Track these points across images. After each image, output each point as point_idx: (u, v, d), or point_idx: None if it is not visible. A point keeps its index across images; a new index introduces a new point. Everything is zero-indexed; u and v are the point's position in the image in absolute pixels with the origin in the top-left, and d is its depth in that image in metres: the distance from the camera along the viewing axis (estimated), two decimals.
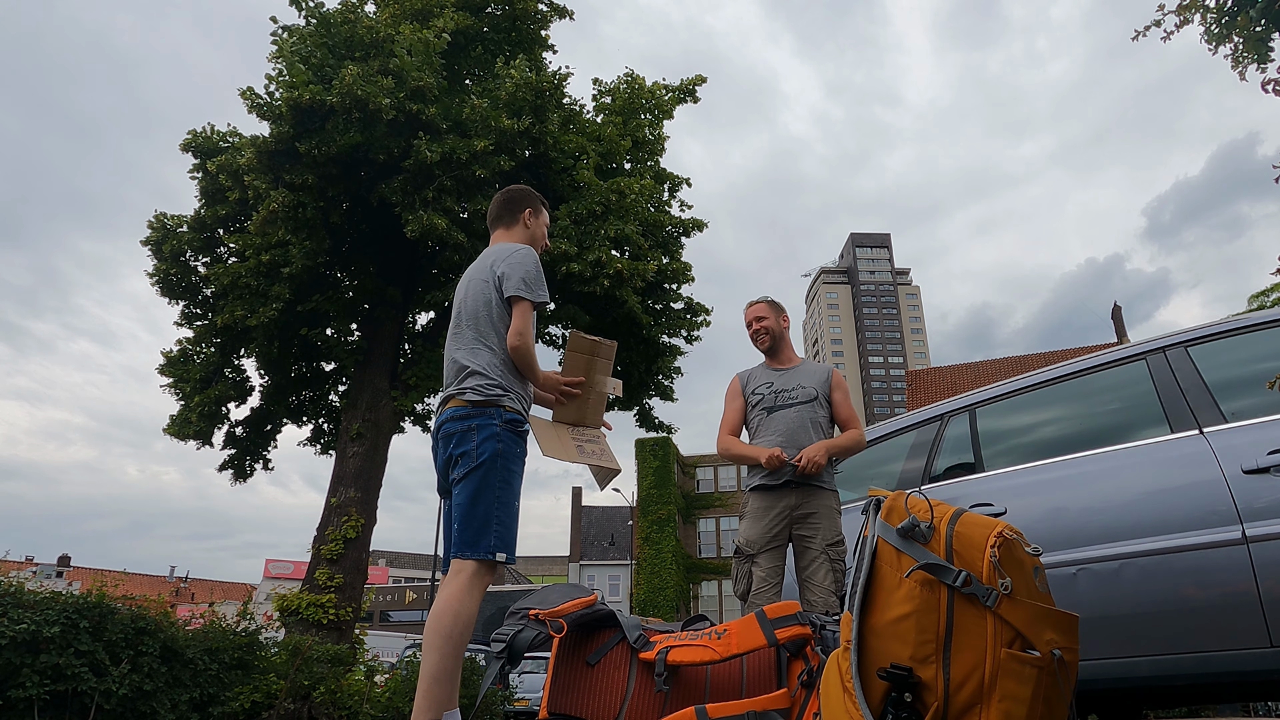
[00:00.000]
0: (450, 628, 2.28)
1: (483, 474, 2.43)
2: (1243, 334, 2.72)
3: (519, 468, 2.53)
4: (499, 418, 2.49)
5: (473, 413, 2.51)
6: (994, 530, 1.15)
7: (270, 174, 8.21)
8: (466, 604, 2.33)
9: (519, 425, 2.54)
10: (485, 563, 2.38)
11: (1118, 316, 31.37)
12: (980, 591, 1.10)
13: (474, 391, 2.52)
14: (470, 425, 2.49)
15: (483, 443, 2.46)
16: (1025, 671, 1.06)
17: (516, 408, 2.55)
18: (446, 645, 2.27)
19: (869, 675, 1.13)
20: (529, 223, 2.94)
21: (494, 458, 2.44)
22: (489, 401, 2.52)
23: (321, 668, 6.24)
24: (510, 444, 2.49)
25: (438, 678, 2.24)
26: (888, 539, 1.20)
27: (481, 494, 2.42)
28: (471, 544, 2.38)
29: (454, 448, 2.51)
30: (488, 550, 2.37)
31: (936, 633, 1.10)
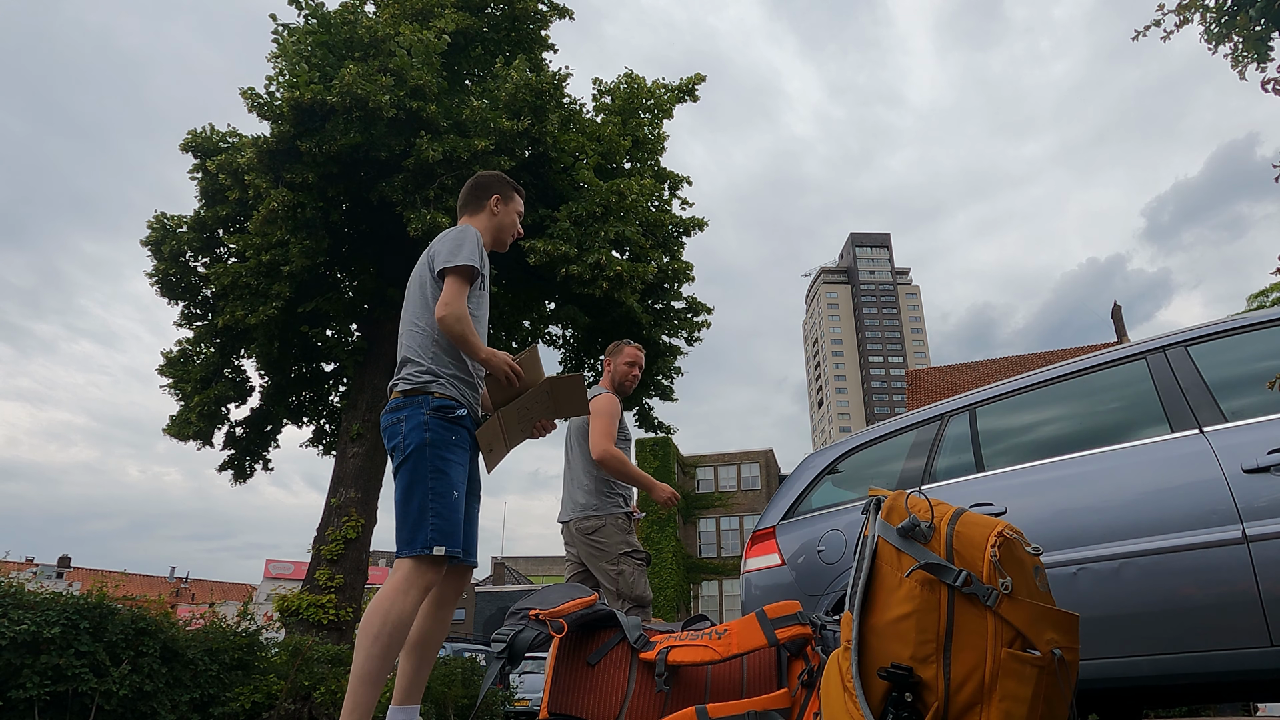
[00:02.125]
0: (378, 628, 2.17)
1: (411, 466, 2.32)
2: (1242, 333, 2.72)
3: (456, 456, 2.38)
4: (426, 405, 2.37)
5: (402, 403, 2.41)
6: (994, 530, 1.15)
7: (271, 173, 8.22)
8: (399, 603, 2.21)
9: (450, 412, 2.39)
10: (423, 559, 2.27)
11: (1118, 316, 31.38)
12: (980, 591, 1.10)
13: (404, 381, 2.43)
14: (399, 417, 2.39)
15: (409, 433, 2.35)
16: (1026, 671, 1.06)
17: (448, 393, 2.42)
18: (373, 646, 2.16)
19: (869, 675, 1.13)
20: (495, 209, 2.79)
21: (421, 448, 2.32)
22: (416, 389, 2.41)
23: (322, 668, 6.24)
24: (440, 432, 2.36)
25: (361, 679, 2.14)
26: (888, 539, 1.20)
27: (413, 487, 2.31)
28: (408, 541, 2.28)
29: (388, 442, 2.42)
30: (424, 545, 2.25)
31: (937, 632, 1.10)
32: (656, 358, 10.45)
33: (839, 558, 3.32)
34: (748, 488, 41.47)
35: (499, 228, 2.80)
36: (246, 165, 8.13)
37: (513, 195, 2.84)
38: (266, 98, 8.34)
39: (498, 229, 2.79)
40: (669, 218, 10.14)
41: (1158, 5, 4.08)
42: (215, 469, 10.68)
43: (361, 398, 9.47)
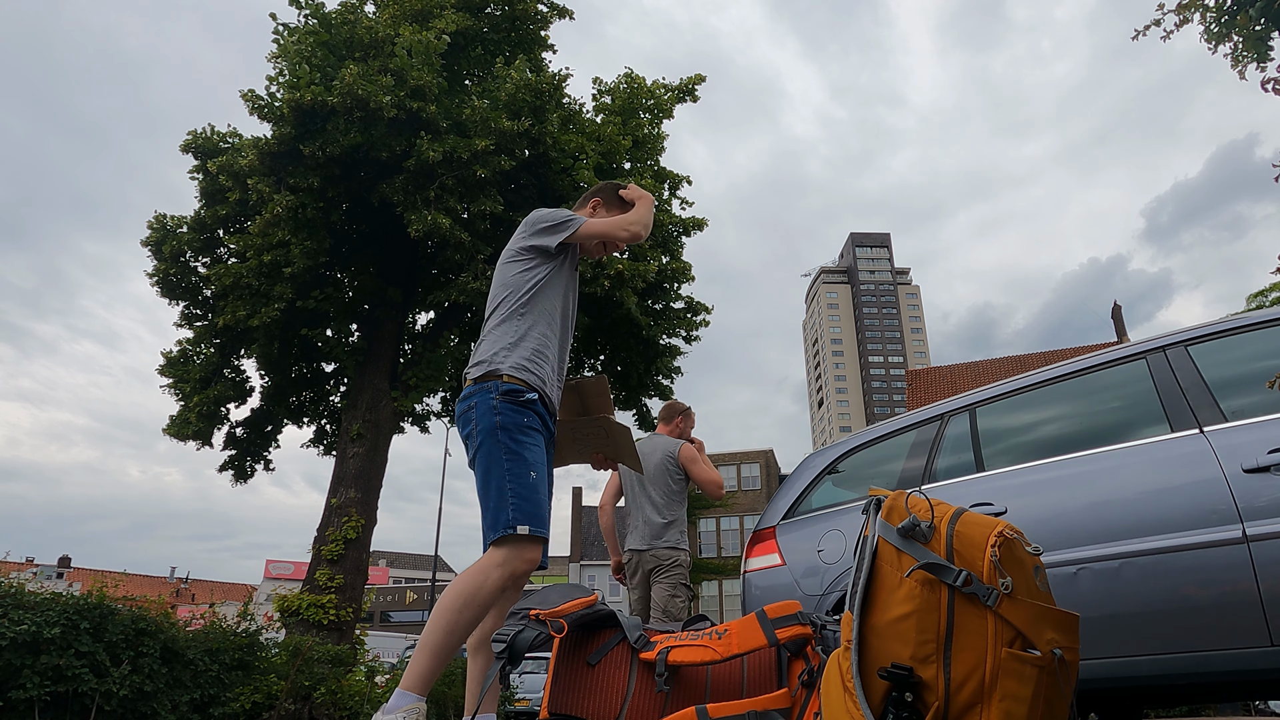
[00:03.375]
0: (452, 603, 2.11)
1: (486, 450, 2.25)
2: (1243, 333, 2.72)
3: (531, 439, 2.30)
4: (495, 390, 2.29)
5: (472, 390, 2.34)
6: (994, 530, 1.15)
7: (272, 176, 8.22)
8: (481, 584, 2.12)
9: (519, 395, 2.30)
10: (508, 539, 2.18)
11: (1118, 316, 31.38)
12: (981, 591, 1.10)
13: (475, 368, 2.38)
14: (470, 404, 2.33)
15: (480, 418, 2.28)
16: (1026, 671, 1.06)
17: (518, 377, 2.33)
18: (443, 617, 2.10)
19: (869, 675, 1.13)
20: (594, 212, 2.72)
21: (493, 430, 2.25)
22: (486, 375, 2.34)
23: (322, 668, 6.24)
24: (511, 414, 2.28)
25: (425, 647, 2.10)
26: (888, 539, 1.20)
27: (490, 471, 2.24)
28: (491, 525, 2.21)
29: (461, 430, 2.37)
30: (507, 524, 2.17)
31: (937, 632, 1.10)
32: (656, 358, 10.46)
33: (839, 558, 3.32)
34: (748, 488, 41.49)
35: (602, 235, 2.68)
36: (248, 168, 8.14)
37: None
38: (267, 99, 8.34)
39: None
40: (669, 218, 10.15)
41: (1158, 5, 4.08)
42: (216, 469, 10.67)
43: (362, 398, 9.47)
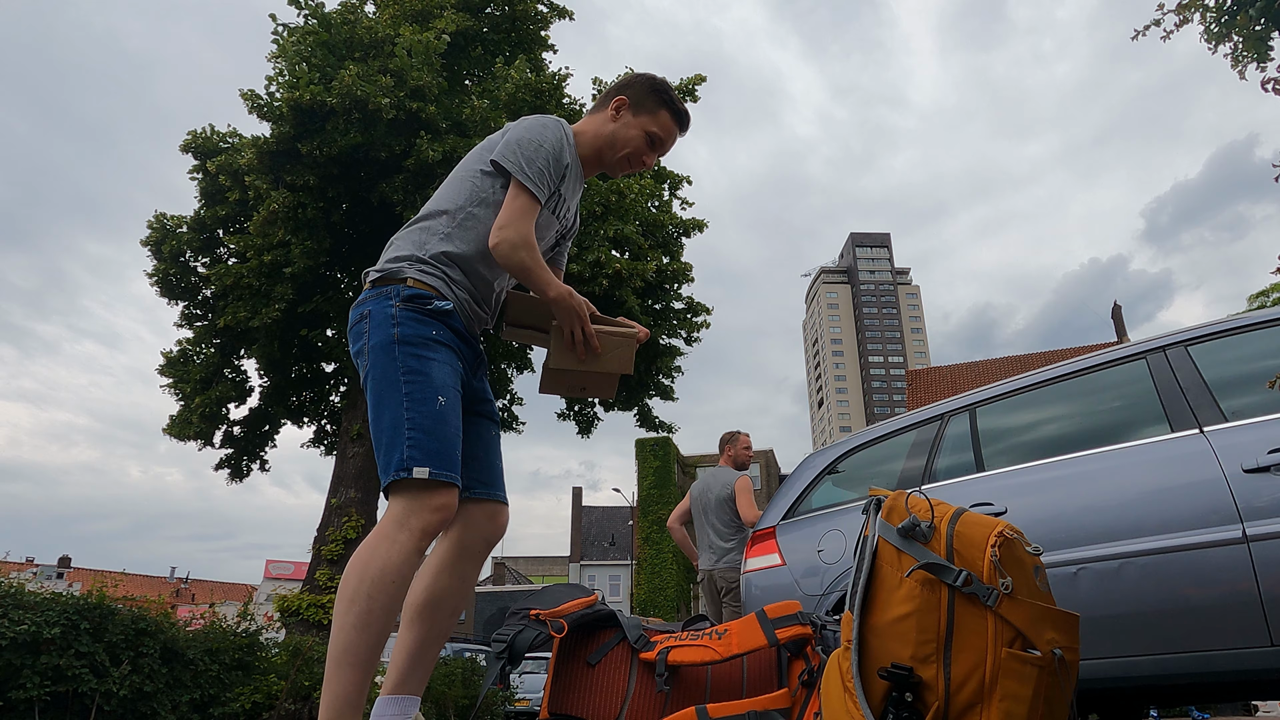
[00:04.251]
0: (354, 587, 1.60)
1: (380, 369, 1.75)
2: (1243, 333, 2.72)
3: (438, 355, 1.78)
4: (396, 295, 1.80)
5: (367, 296, 1.84)
6: (994, 530, 1.15)
7: (271, 174, 8.22)
8: (381, 552, 1.62)
9: (426, 302, 1.80)
10: (406, 488, 1.66)
11: (1118, 316, 31.38)
12: (981, 591, 1.10)
13: (374, 270, 1.88)
14: (363, 313, 1.83)
15: (374, 330, 1.79)
16: (1026, 671, 1.07)
17: (427, 282, 1.83)
18: (348, 613, 1.59)
19: (870, 675, 1.13)
20: (616, 115, 2.05)
21: (389, 346, 1.75)
22: (384, 277, 1.84)
23: (322, 668, 6.24)
24: (413, 325, 1.77)
25: (336, 659, 1.58)
26: (888, 539, 1.20)
27: (384, 396, 1.72)
28: (383, 468, 1.69)
29: (353, 347, 1.87)
30: (399, 466, 1.65)
31: (937, 632, 1.10)
32: (656, 358, 10.46)
33: (839, 558, 3.32)
34: None
35: (609, 140, 2.04)
36: (247, 167, 8.14)
37: (655, 108, 2.05)
38: (266, 99, 8.35)
39: (607, 141, 2.04)
40: (669, 218, 10.15)
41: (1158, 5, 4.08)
42: (213, 468, 10.67)
43: (362, 398, 9.47)
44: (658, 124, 2.07)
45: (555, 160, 1.92)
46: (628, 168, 2.09)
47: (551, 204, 1.98)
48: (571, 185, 2.03)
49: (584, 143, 2.06)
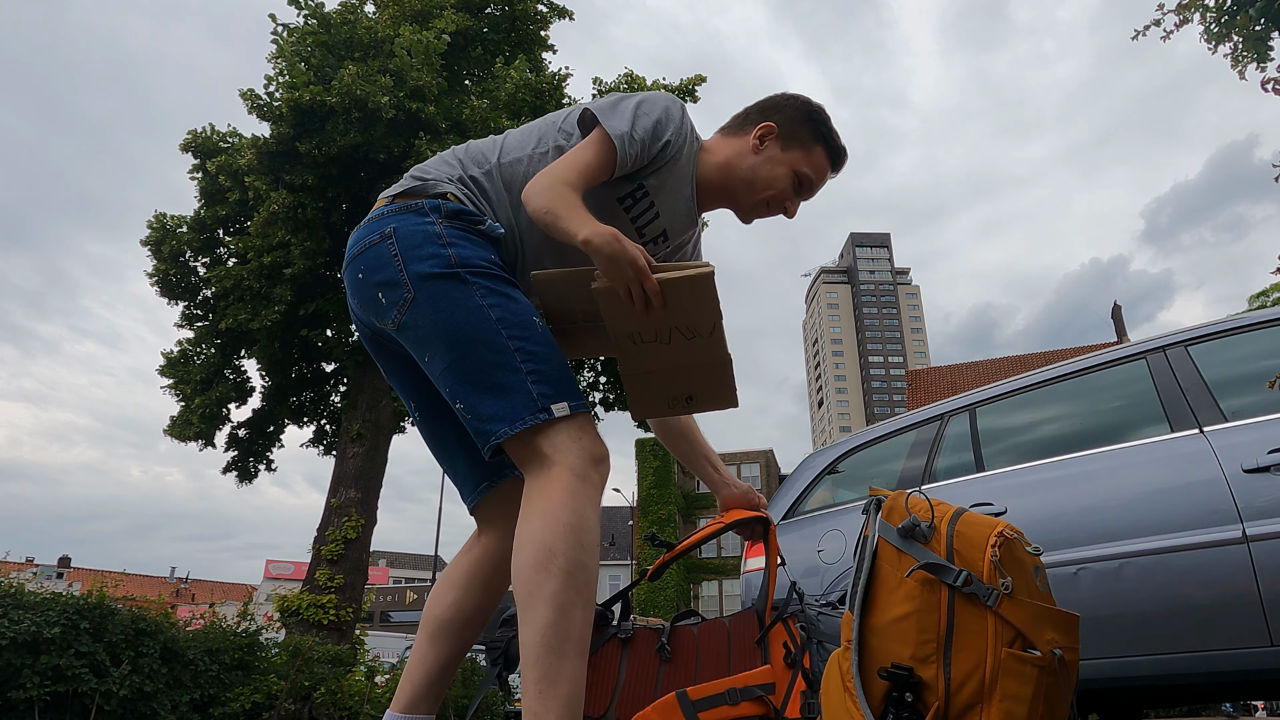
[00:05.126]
0: (554, 553, 1.22)
1: (446, 299, 1.34)
2: (1242, 333, 2.72)
3: (508, 276, 1.41)
4: (435, 210, 1.40)
5: (388, 212, 1.42)
6: (994, 530, 1.15)
7: (270, 174, 8.23)
8: (567, 506, 1.25)
9: (477, 221, 1.41)
10: (543, 438, 1.29)
11: (1118, 316, 31.37)
12: (981, 591, 1.10)
13: (401, 182, 1.48)
14: (383, 231, 1.40)
15: (411, 254, 1.36)
16: (1026, 671, 1.07)
17: (467, 202, 1.45)
18: (556, 586, 1.21)
19: (869, 675, 1.13)
20: (760, 147, 1.59)
21: (447, 270, 1.34)
22: (419, 189, 1.44)
23: (322, 668, 6.25)
24: (469, 247, 1.38)
25: (557, 647, 1.19)
26: (888, 539, 1.20)
27: (464, 329, 1.32)
28: (499, 417, 1.29)
29: (372, 286, 1.40)
30: (530, 409, 1.28)
31: (937, 632, 1.11)
32: None
33: (839, 558, 3.32)
34: None
35: (749, 177, 1.59)
36: (246, 167, 8.15)
37: (811, 142, 1.60)
38: (266, 99, 8.35)
39: (746, 177, 1.59)
40: None
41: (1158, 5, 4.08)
42: (220, 471, 10.67)
43: (362, 398, 9.47)
44: (810, 163, 1.61)
45: (654, 131, 1.49)
46: (765, 212, 1.65)
47: (623, 190, 1.52)
48: (665, 187, 1.55)
49: (711, 166, 1.60)
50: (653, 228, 1.57)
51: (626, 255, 1.29)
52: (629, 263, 1.29)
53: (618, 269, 1.30)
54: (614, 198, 1.51)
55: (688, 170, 1.57)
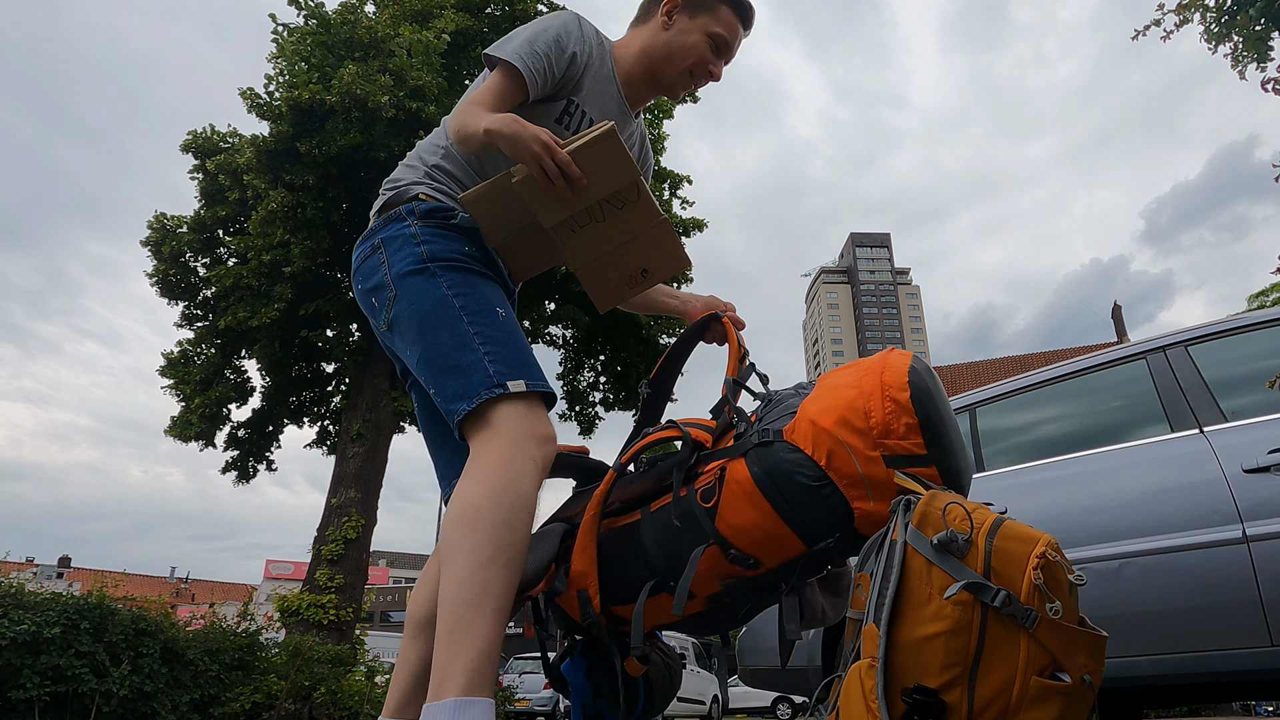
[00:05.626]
0: (483, 511, 1.25)
1: (417, 294, 1.44)
2: (1242, 333, 2.72)
3: (479, 269, 1.51)
4: (410, 214, 1.52)
5: (376, 226, 1.56)
6: (1036, 549, 1.08)
7: (270, 174, 8.23)
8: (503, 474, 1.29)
9: (449, 216, 1.52)
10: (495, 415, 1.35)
11: (1118, 316, 31.38)
12: (1019, 613, 1.04)
13: (379, 198, 1.61)
14: (373, 244, 1.53)
15: (394, 257, 1.49)
16: (1053, 700, 1.02)
17: (438, 196, 1.55)
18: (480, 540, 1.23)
19: (893, 696, 1.07)
20: (669, 22, 1.68)
21: (420, 266, 1.46)
22: (389, 200, 1.57)
23: (322, 668, 6.25)
24: (442, 242, 1.49)
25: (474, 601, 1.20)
26: (920, 549, 1.12)
27: (430, 319, 1.42)
28: (458, 393, 1.37)
29: (366, 291, 1.54)
30: (486, 384, 1.35)
31: (965, 655, 1.05)
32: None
33: None
34: None
35: (665, 53, 1.67)
36: (246, 166, 8.15)
37: (714, 3, 1.68)
38: (265, 98, 8.35)
39: (663, 54, 1.67)
40: (669, 218, 10.15)
41: (1158, 5, 4.08)
42: (219, 470, 10.67)
43: (361, 398, 9.47)
44: (720, 23, 1.68)
45: (555, 45, 1.55)
46: (691, 83, 1.73)
47: (557, 110, 1.59)
48: (593, 93, 1.62)
49: (629, 59, 1.69)
50: (586, 125, 1.64)
51: (528, 132, 1.37)
52: (532, 138, 1.37)
53: (522, 147, 1.37)
54: (552, 120, 1.60)
55: (606, 71, 1.67)
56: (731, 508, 1.35)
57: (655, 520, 1.45)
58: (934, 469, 1.29)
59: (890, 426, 1.29)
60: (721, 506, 1.36)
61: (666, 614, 1.47)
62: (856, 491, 1.28)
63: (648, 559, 1.44)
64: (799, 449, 1.33)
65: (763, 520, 1.33)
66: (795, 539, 1.33)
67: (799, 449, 1.33)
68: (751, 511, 1.33)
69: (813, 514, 1.31)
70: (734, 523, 1.35)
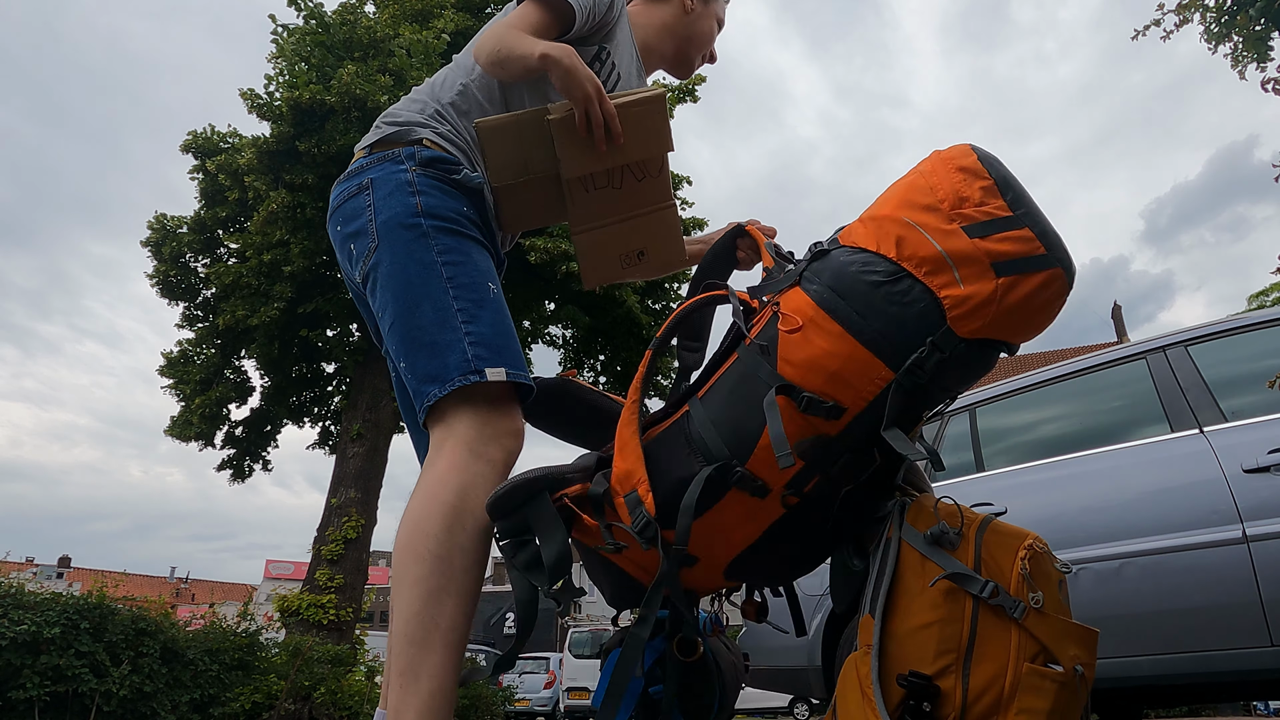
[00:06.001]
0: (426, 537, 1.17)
1: (403, 252, 1.31)
2: (1242, 333, 2.73)
3: (472, 233, 1.37)
4: (409, 158, 1.37)
5: (366, 164, 1.40)
6: (1024, 541, 1.12)
7: (270, 174, 8.23)
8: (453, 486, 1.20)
9: (453, 169, 1.38)
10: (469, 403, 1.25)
11: (1117, 316, 31.38)
12: (1007, 603, 1.07)
13: (374, 132, 1.45)
14: (359, 184, 1.38)
15: (383, 202, 1.34)
16: (1046, 686, 1.05)
17: (443, 144, 1.41)
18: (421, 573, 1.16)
19: (888, 681, 1.10)
20: (691, 6, 1.70)
21: (411, 218, 1.32)
22: (393, 137, 1.41)
23: (322, 668, 6.25)
24: (439, 196, 1.35)
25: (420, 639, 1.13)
26: (913, 544, 1.15)
27: (414, 285, 1.29)
28: (430, 375, 1.26)
29: (344, 239, 1.40)
30: (463, 369, 1.24)
31: (959, 643, 1.08)
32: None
33: None
34: None
35: (687, 38, 1.71)
36: (246, 166, 8.15)
37: None
38: (265, 98, 8.36)
39: (685, 39, 1.71)
40: None
41: (1158, 5, 4.09)
42: (215, 468, 10.68)
43: (362, 398, 9.47)
44: (722, 8, 1.76)
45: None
46: (699, 65, 1.78)
47: (589, 56, 1.49)
48: (621, 46, 1.57)
49: (651, 30, 1.67)
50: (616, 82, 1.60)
51: (585, 70, 1.30)
52: (588, 77, 1.30)
53: (576, 83, 1.30)
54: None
55: (627, 31, 1.61)
56: (793, 343, 1.12)
57: (709, 402, 1.21)
58: (1027, 229, 1.06)
59: (963, 194, 1.10)
60: (782, 346, 1.12)
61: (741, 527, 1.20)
62: (942, 278, 1.07)
63: (705, 449, 1.17)
64: (861, 248, 1.13)
65: (834, 345, 1.09)
66: (877, 362, 1.08)
67: (861, 248, 1.13)
68: (819, 339, 1.10)
69: (893, 320, 1.08)
70: (799, 359, 1.11)
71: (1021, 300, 1.06)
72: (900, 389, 1.09)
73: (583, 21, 1.45)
